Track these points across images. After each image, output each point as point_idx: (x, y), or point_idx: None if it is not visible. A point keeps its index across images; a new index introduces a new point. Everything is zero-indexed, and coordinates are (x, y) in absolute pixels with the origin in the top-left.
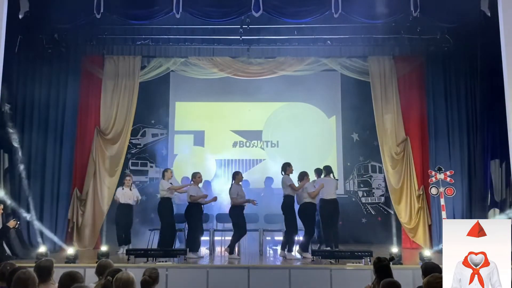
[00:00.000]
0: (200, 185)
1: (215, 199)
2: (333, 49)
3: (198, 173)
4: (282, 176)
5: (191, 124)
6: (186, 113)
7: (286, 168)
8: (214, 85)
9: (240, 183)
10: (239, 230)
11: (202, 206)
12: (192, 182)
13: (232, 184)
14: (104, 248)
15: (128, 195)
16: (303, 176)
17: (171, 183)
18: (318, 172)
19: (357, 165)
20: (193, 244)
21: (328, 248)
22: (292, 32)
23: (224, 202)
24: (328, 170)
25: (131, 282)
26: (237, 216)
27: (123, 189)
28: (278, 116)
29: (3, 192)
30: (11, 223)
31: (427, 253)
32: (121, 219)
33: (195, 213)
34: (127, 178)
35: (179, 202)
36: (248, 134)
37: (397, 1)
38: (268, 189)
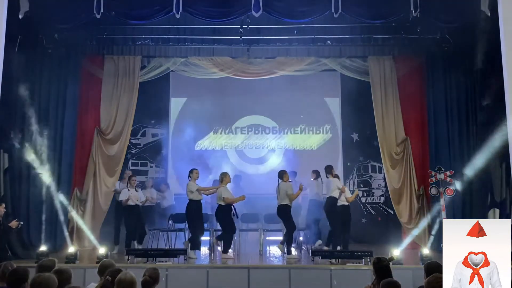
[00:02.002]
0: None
1: (243, 198)
2: (333, 49)
3: (227, 173)
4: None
5: (191, 124)
6: (186, 113)
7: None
8: (214, 85)
9: (290, 180)
10: (292, 227)
11: (233, 206)
12: (220, 183)
13: (280, 182)
14: (102, 249)
15: (136, 196)
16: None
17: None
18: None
19: (357, 165)
20: (226, 245)
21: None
22: (292, 32)
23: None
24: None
25: (133, 282)
26: (286, 214)
27: (129, 190)
28: (278, 116)
29: None
30: (13, 224)
31: (427, 253)
32: (133, 220)
33: (227, 213)
34: (133, 178)
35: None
36: (248, 133)
37: (397, 1)
38: None
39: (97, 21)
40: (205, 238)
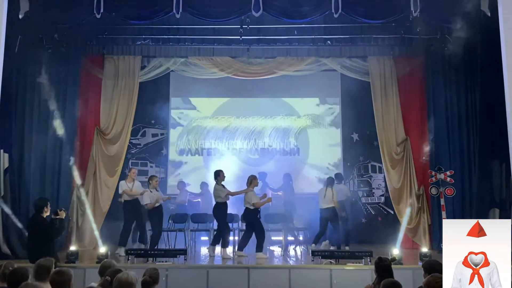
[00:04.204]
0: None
1: (269, 200)
2: (333, 49)
3: (256, 176)
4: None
5: (191, 124)
6: (186, 113)
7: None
8: (214, 84)
9: None
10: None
11: (259, 208)
12: (248, 186)
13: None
14: (103, 249)
15: (159, 197)
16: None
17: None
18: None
19: (357, 165)
20: (260, 245)
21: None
22: (292, 32)
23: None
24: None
25: (129, 283)
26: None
27: (151, 191)
28: (278, 116)
29: None
30: (62, 214)
31: (427, 252)
32: (156, 221)
33: (255, 216)
34: (156, 179)
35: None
36: (248, 133)
37: (397, 1)
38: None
39: (97, 21)
40: (204, 238)
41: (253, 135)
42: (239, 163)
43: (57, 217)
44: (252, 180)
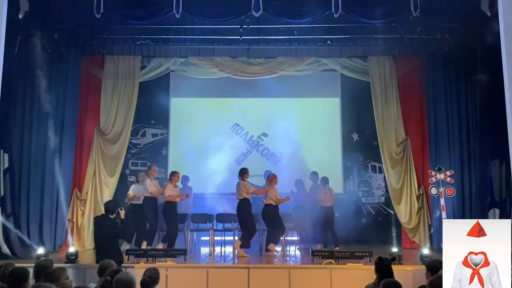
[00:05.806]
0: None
1: (288, 198)
2: (333, 49)
3: (275, 175)
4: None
5: (191, 123)
6: (186, 113)
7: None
8: (214, 84)
9: None
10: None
11: (278, 205)
12: (269, 184)
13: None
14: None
15: (179, 194)
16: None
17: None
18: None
19: (357, 165)
20: (273, 240)
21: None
22: (292, 32)
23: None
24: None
25: (129, 283)
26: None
27: (175, 187)
28: (278, 116)
29: None
30: (122, 213)
31: (427, 252)
32: (173, 218)
33: (276, 213)
34: (178, 175)
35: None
36: (248, 133)
37: (397, 1)
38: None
39: (97, 21)
40: (205, 238)
41: (253, 135)
42: (239, 163)
43: (116, 216)
44: (272, 179)
